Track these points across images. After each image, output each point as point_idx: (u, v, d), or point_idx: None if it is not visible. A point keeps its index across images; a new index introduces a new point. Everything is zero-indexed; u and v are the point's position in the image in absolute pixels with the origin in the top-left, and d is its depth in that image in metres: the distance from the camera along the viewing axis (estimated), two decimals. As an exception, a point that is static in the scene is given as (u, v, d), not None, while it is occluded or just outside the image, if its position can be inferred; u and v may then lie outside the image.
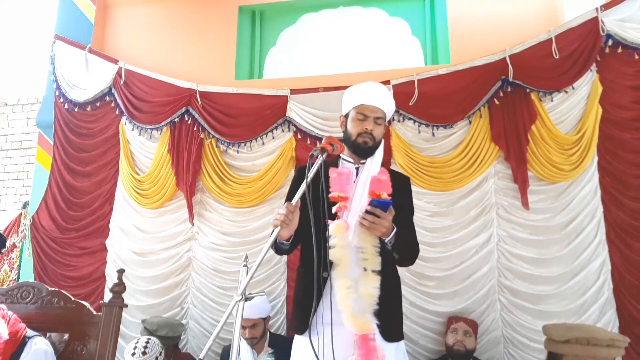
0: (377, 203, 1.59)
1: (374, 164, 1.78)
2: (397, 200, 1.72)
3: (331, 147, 1.64)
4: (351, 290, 1.57)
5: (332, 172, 1.75)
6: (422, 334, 3.00)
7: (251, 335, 2.71)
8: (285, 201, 1.87)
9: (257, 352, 2.74)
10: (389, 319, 1.69)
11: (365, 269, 1.64)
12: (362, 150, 1.78)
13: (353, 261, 1.63)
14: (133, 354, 2.46)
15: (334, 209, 1.66)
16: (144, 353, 2.46)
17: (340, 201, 1.68)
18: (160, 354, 2.55)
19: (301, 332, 1.70)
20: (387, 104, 1.82)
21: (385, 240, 1.66)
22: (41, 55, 4.85)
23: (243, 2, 3.94)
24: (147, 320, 3.04)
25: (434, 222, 3.11)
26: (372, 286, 1.62)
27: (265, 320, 2.84)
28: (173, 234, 3.44)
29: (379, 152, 1.81)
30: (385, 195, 1.71)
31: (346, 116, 1.86)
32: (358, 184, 1.74)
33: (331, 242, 1.62)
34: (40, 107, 3.99)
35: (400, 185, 1.84)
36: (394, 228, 1.64)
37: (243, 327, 2.69)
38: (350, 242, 1.64)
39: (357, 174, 1.79)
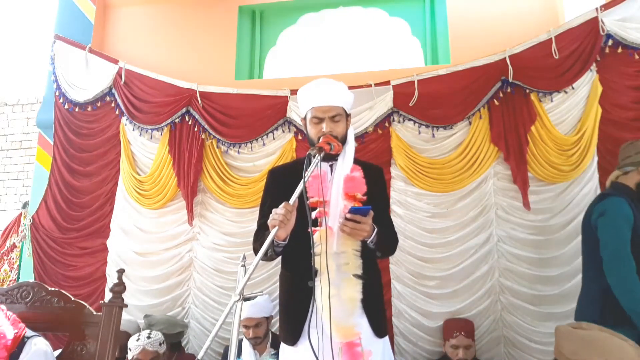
0: (355, 210, 1.58)
1: (345, 161, 1.74)
2: (372, 194, 1.72)
3: (329, 147, 1.64)
4: (334, 298, 1.55)
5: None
6: (421, 335, 2.99)
7: (255, 335, 2.69)
8: (261, 206, 1.87)
9: (259, 352, 2.72)
10: (377, 315, 1.72)
11: (346, 274, 1.63)
12: (327, 155, 1.68)
13: (335, 267, 1.61)
14: (138, 339, 2.61)
15: (313, 214, 1.63)
16: (148, 337, 2.63)
17: (319, 206, 1.64)
18: (164, 342, 2.69)
19: (291, 344, 1.70)
20: (339, 98, 1.78)
21: (367, 242, 1.66)
22: (41, 55, 4.86)
23: (243, 2, 3.94)
24: (149, 316, 3.08)
25: (433, 223, 3.11)
26: (354, 290, 1.62)
27: (268, 319, 2.82)
28: (174, 234, 3.45)
29: (350, 148, 1.77)
30: (359, 196, 1.69)
31: (305, 118, 1.84)
32: (333, 185, 1.70)
33: (316, 249, 1.59)
34: (40, 107, 3.99)
35: (374, 178, 1.81)
36: (374, 228, 1.63)
37: (246, 327, 2.68)
38: (334, 249, 1.63)
39: (331, 171, 1.76)
